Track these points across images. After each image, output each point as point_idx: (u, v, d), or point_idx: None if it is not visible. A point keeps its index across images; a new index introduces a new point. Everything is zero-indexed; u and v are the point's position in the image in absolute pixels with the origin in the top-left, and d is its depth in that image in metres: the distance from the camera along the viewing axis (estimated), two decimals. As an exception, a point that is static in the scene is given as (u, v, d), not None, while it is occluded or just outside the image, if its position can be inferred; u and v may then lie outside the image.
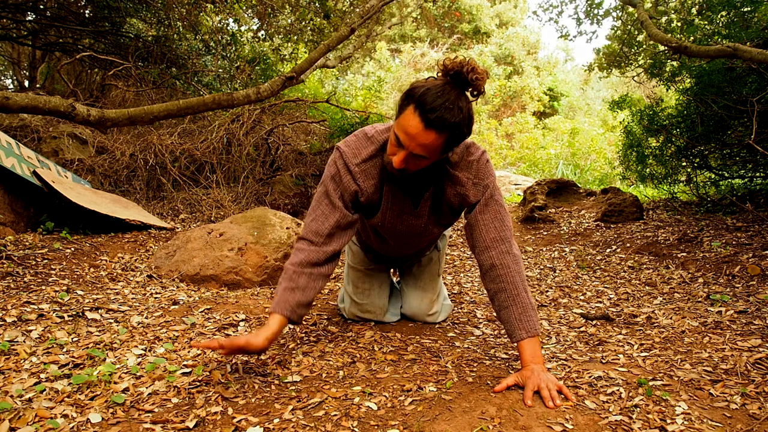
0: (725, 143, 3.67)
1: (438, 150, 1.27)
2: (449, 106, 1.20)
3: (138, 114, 2.71)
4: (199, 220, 3.86)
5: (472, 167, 1.44)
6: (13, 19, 5.46)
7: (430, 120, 1.20)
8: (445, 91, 1.21)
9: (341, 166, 1.45)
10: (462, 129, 1.25)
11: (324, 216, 1.46)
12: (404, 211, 1.53)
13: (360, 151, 1.45)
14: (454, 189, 1.46)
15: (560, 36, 9.11)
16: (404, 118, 1.24)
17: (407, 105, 1.24)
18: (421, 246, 1.73)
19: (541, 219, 4.37)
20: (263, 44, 6.87)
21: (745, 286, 2.23)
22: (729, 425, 1.10)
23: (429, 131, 1.21)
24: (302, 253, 1.44)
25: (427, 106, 1.20)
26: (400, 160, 1.29)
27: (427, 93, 1.21)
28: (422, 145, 1.24)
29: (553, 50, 18.80)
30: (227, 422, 1.12)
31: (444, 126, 1.21)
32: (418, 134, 1.22)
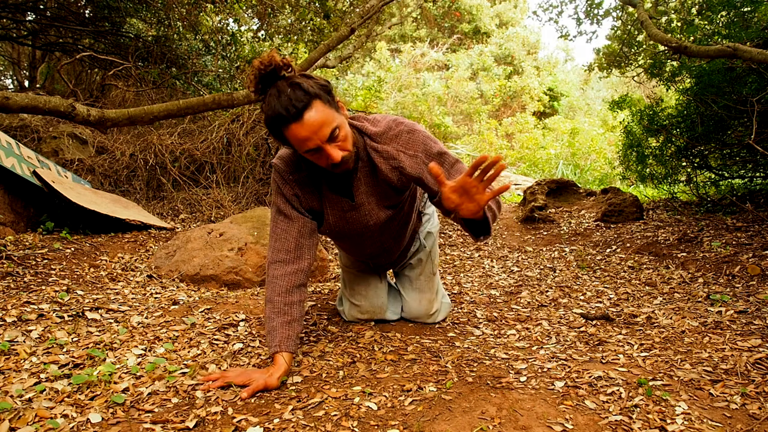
0: (725, 143, 3.67)
1: (331, 114, 1.24)
2: (288, 92, 1.20)
3: (138, 114, 2.71)
4: (199, 220, 3.86)
5: (401, 138, 1.41)
6: (13, 19, 5.46)
7: (299, 109, 1.20)
8: (274, 92, 1.22)
9: (279, 180, 1.45)
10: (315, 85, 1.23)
11: (285, 231, 1.45)
12: (344, 209, 1.50)
13: (290, 161, 1.44)
14: (387, 163, 1.42)
15: (560, 36, 9.12)
16: (290, 138, 1.24)
17: (280, 130, 1.25)
18: (391, 243, 1.69)
19: (541, 219, 4.37)
20: (263, 44, 6.88)
21: (745, 286, 2.23)
22: (729, 425, 1.10)
23: (307, 116, 1.20)
24: (282, 280, 1.42)
25: (283, 113, 1.20)
26: (333, 151, 1.25)
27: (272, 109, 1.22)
28: (320, 127, 1.22)
29: (553, 50, 18.80)
30: (227, 422, 1.12)
31: (305, 101, 1.20)
32: (308, 127, 1.21)
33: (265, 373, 1.31)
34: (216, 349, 1.57)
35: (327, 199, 1.49)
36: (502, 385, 1.29)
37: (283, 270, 1.42)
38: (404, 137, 1.40)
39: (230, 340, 1.65)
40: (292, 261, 1.43)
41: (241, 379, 1.30)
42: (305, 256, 1.45)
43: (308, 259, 1.47)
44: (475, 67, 13.78)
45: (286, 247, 1.43)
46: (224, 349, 1.57)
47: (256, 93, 1.28)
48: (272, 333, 1.37)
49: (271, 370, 1.32)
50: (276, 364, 1.33)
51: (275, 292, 1.41)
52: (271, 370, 1.32)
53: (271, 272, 1.44)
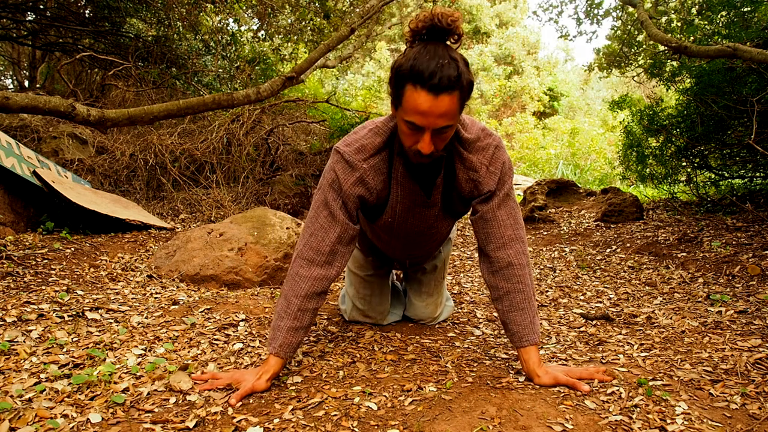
0: (725, 143, 3.67)
1: (457, 111, 1.16)
2: (445, 62, 1.10)
3: (138, 114, 2.71)
4: (199, 220, 3.86)
5: (488, 152, 1.33)
6: (13, 19, 5.46)
7: (436, 86, 1.09)
8: (431, 51, 1.11)
9: (342, 171, 1.32)
10: (468, 77, 1.15)
11: (324, 230, 1.34)
12: (416, 202, 1.41)
13: (365, 145, 1.32)
14: (466, 174, 1.35)
15: (560, 36, 9.11)
16: (408, 100, 1.13)
17: (404, 85, 1.14)
18: (430, 245, 1.64)
19: (541, 219, 4.37)
20: (263, 44, 6.88)
21: (745, 286, 2.23)
22: (729, 425, 1.10)
23: (441, 97, 1.10)
24: (305, 283, 1.32)
25: (425, 75, 1.09)
26: (428, 143, 1.16)
27: (416, 62, 1.10)
28: (441, 115, 1.13)
29: (553, 50, 18.81)
30: (227, 422, 1.12)
31: (452, 84, 1.10)
32: (432, 107, 1.11)
33: (255, 375, 1.29)
34: (216, 349, 1.57)
35: (401, 186, 1.38)
36: (502, 385, 1.29)
37: (309, 272, 1.33)
38: (491, 152, 1.33)
39: (230, 340, 1.65)
40: (322, 265, 1.34)
41: (230, 380, 1.30)
42: (336, 263, 1.36)
43: (338, 267, 1.37)
44: (475, 67, 13.78)
45: (320, 248, 1.33)
46: (224, 349, 1.57)
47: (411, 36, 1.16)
48: (276, 333, 1.32)
49: (260, 371, 1.30)
50: (266, 365, 1.31)
51: (294, 293, 1.33)
52: (260, 372, 1.30)
53: (296, 268, 1.35)
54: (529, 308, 1.34)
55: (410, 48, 1.16)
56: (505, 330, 1.39)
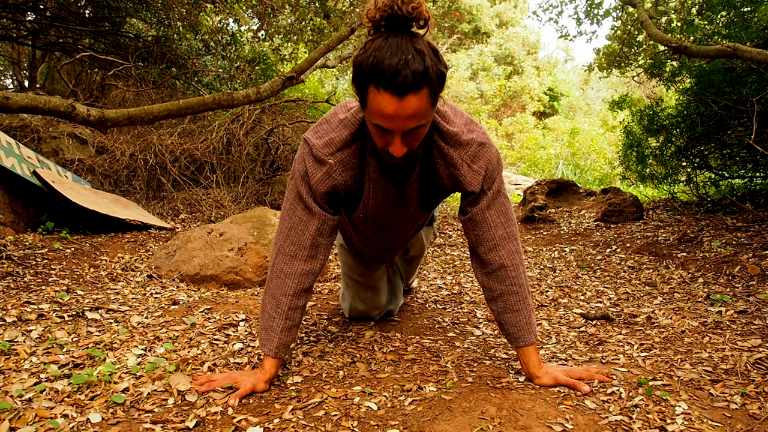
0: (725, 143, 3.67)
1: (429, 108, 1.06)
2: (408, 57, 0.98)
3: (138, 114, 2.71)
4: (199, 220, 3.86)
5: (470, 148, 1.24)
6: (13, 19, 5.46)
7: (400, 86, 0.98)
8: (393, 45, 0.99)
9: (311, 165, 1.24)
10: (438, 69, 1.03)
11: (303, 223, 1.28)
12: (389, 200, 1.34)
13: (333, 139, 1.23)
14: (447, 169, 1.27)
15: (560, 36, 9.11)
16: (372, 102, 1.03)
17: (366, 86, 1.03)
18: (407, 236, 1.58)
19: (541, 219, 4.37)
20: (263, 44, 6.88)
21: (745, 286, 2.23)
22: (729, 425, 1.10)
23: (408, 98, 1.00)
24: (292, 281, 1.29)
25: (387, 74, 0.98)
26: (399, 147, 1.08)
27: (376, 60, 0.99)
28: (410, 117, 1.03)
29: (553, 50, 18.81)
30: (227, 422, 1.12)
31: (418, 81, 0.99)
32: (398, 110, 1.01)
33: (253, 375, 1.29)
34: (216, 349, 1.57)
35: (373, 182, 1.30)
36: (502, 385, 1.29)
37: (293, 268, 1.29)
38: (474, 148, 1.24)
39: (230, 340, 1.65)
40: (305, 259, 1.30)
41: (228, 381, 1.29)
42: (319, 256, 1.32)
43: (321, 260, 1.33)
44: (475, 67, 13.79)
45: (301, 243, 1.29)
46: (224, 349, 1.57)
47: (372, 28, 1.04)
48: (270, 334, 1.30)
49: (258, 373, 1.29)
50: (264, 367, 1.31)
51: (282, 291, 1.29)
52: (258, 374, 1.29)
53: (280, 265, 1.30)
54: (524, 309, 1.32)
55: (370, 41, 1.03)
56: (501, 331, 1.39)
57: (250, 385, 1.26)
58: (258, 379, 1.28)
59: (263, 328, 1.32)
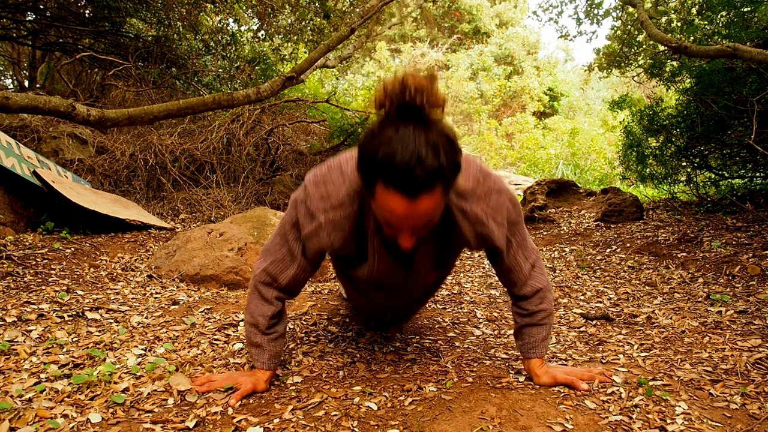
0: (725, 143, 3.67)
1: (441, 204, 0.99)
2: (422, 153, 0.90)
3: (138, 114, 2.71)
4: (199, 220, 3.86)
5: (490, 199, 1.14)
6: (13, 19, 5.46)
7: (412, 188, 0.91)
8: (405, 137, 0.91)
9: (305, 214, 1.16)
10: (453, 159, 0.96)
11: (283, 263, 1.25)
12: (394, 270, 1.25)
13: (329, 193, 1.13)
14: (473, 228, 1.16)
15: (560, 36, 9.12)
16: (380, 199, 0.96)
17: (373, 180, 0.95)
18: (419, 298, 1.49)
19: (541, 219, 4.37)
20: (263, 44, 6.88)
21: (745, 286, 2.23)
22: (729, 425, 1.10)
23: (420, 199, 0.93)
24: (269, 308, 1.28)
25: (398, 174, 0.90)
26: (408, 240, 1.03)
27: (386, 155, 0.91)
28: (421, 214, 0.96)
29: (553, 50, 18.81)
30: (227, 422, 1.12)
31: (432, 181, 0.92)
32: (409, 210, 0.95)
33: (253, 375, 1.29)
34: (216, 349, 1.57)
35: (377, 252, 1.19)
36: (502, 385, 1.29)
37: (270, 294, 1.28)
38: (493, 199, 1.15)
39: (230, 340, 1.65)
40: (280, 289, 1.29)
41: (228, 382, 1.29)
42: (296, 290, 1.32)
43: (298, 291, 1.33)
44: (475, 67, 13.79)
45: (277, 279, 1.26)
46: (224, 349, 1.57)
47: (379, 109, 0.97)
48: (259, 349, 1.29)
49: (258, 373, 1.30)
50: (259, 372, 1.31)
51: (260, 312, 1.28)
52: (258, 374, 1.29)
53: (259, 287, 1.28)
54: (548, 324, 1.33)
55: (379, 129, 0.95)
56: (517, 338, 1.37)
57: (250, 385, 1.26)
58: (258, 379, 1.28)
59: (249, 345, 1.32)
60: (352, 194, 1.12)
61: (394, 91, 0.93)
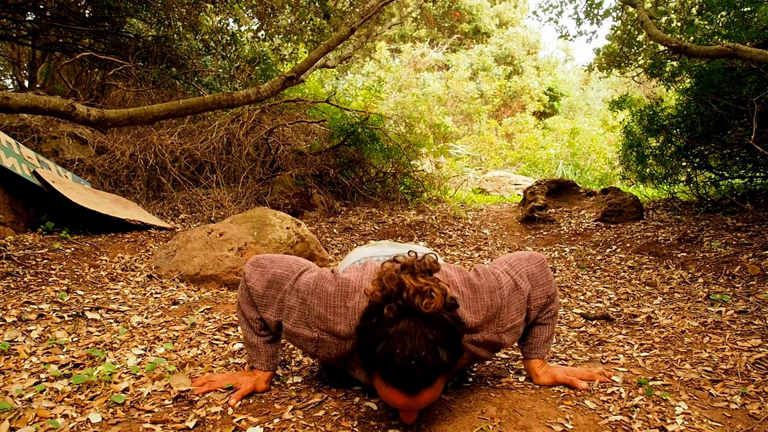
0: (725, 143, 3.67)
1: (443, 385, 1.01)
2: (422, 353, 0.90)
3: (138, 114, 2.71)
4: (199, 220, 3.86)
5: (500, 317, 1.16)
6: (13, 19, 5.46)
7: (412, 386, 0.93)
8: (404, 334, 0.91)
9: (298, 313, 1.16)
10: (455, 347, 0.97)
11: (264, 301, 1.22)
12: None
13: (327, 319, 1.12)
14: (486, 349, 1.19)
15: (560, 36, 9.12)
16: (380, 389, 0.98)
17: (373, 371, 0.97)
18: None
19: (541, 219, 4.37)
20: (263, 44, 6.88)
21: (745, 286, 2.23)
22: (729, 425, 1.10)
23: (419, 395, 0.95)
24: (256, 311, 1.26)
25: (398, 375, 0.91)
26: (409, 418, 1.04)
27: (387, 354, 0.91)
28: (422, 403, 0.98)
29: (553, 50, 18.81)
30: (227, 422, 1.12)
31: (431, 378, 0.93)
32: (408, 403, 0.97)
33: (253, 375, 1.30)
34: (216, 349, 1.56)
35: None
36: (502, 385, 1.29)
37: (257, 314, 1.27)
38: (503, 314, 1.17)
39: (230, 340, 1.65)
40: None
41: (228, 381, 1.29)
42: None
43: None
44: (475, 67, 13.79)
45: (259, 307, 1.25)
46: (224, 349, 1.57)
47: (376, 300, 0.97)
48: (256, 351, 1.29)
49: (258, 373, 1.30)
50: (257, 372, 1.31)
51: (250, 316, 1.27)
52: (258, 374, 1.30)
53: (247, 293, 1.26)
54: (551, 325, 1.33)
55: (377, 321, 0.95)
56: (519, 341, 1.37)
57: (250, 385, 1.26)
58: (258, 379, 1.28)
59: (248, 346, 1.32)
60: (350, 334, 1.11)
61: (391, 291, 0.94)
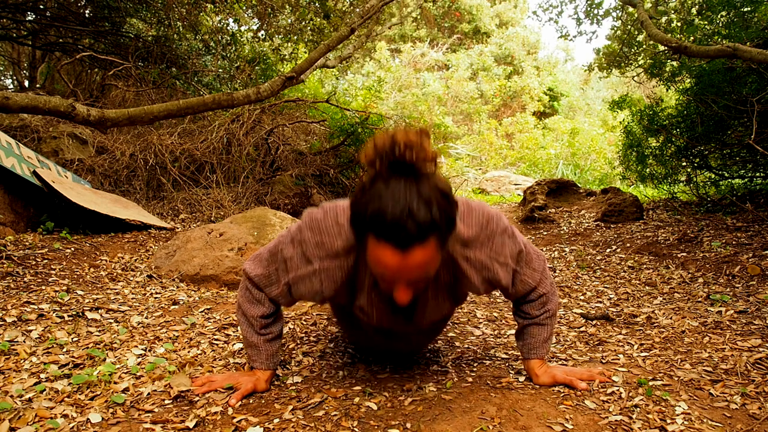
0: (725, 143, 3.67)
1: (437, 255, 0.98)
2: (412, 207, 0.89)
3: (138, 114, 2.71)
4: (199, 220, 3.86)
5: (494, 242, 1.15)
6: (13, 19, 5.46)
7: (404, 241, 0.90)
8: (395, 191, 0.91)
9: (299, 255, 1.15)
10: (448, 212, 0.95)
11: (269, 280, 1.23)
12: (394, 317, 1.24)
13: (324, 241, 1.11)
14: (480, 274, 1.16)
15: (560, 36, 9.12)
16: (372, 253, 0.96)
17: (366, 233, 0.95)
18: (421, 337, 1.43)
19: (541, 219, 4.37)
20: (263, 44, 6.88)
21: (745, 286, 2.23)
22: (729, 425, 1.10)
23: (413, 251, 0.92)
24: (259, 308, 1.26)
25: (389, 228, 0.90)
26: (404, 294, 1.01)
27: (377, 209, 0.91)
28: (414, 267, 0.95)
29: (553, 50, 18.81)
30: (227, 422, 1.12)
31: (424, 233, 0.91)
32: (402, 264, 0.94)
33: (253, 375, 1.29)
34: (216, 349, 1.57)
35: (375, 306, 1.17)
36: (502, 385, 1.29)
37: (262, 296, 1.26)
38: (497, 241, 1.15)
39: (230, 340, 1.65)
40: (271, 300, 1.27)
41: (228, 381, 1.29)
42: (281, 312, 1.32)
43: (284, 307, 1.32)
44: (475, 67, 13.79)
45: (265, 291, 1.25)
46: (224, 349, 1.57)
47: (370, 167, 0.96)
48: (256, 350, 1.29)
49: (258, 373, 1.30)
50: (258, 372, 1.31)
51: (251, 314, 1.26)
52: (257, 374, 1.30)
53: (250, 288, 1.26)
54: (549, 325, 1.32)
55: (370, 183, 0.95)
56: (518, 339, 1.37)
57: (250, 385, 1.26)
58: (258, 379, 1.28)
59: (247, 346, 1.31)
60: (348, 248, 1.11)
61: (384, 148, 0.92)
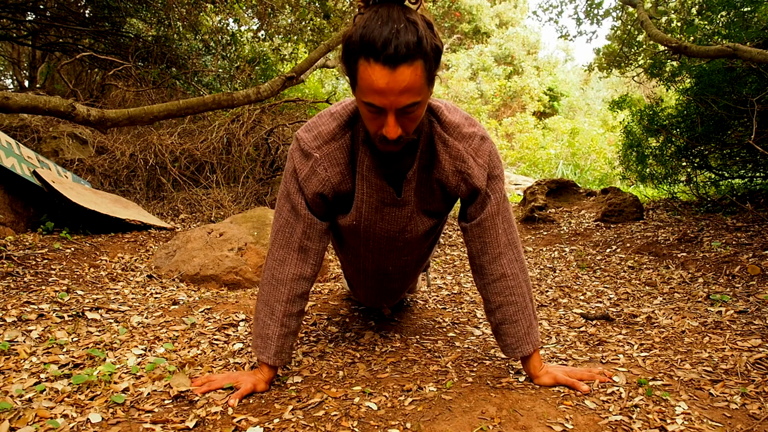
0: (725, 143, 3.67)
1: (423, 84, 0.98)
2: (400, 27, 0.92)
3: (138, 114, 2.71)
4: (199, 220, 3.86)
5: (473, 140, 1.17)
6: (13, 19, 5.46)
7: (392, 56, 0.92)
8: (383, 15, 0.94)
9: (299, 156, 1.19)
10: (433, 42, 0.97)
11: (289, 226, 1.24)
12: (385, 201, 1.23)
13: (320, 131, 1.17)
14: (453, 164, 1.18)
15: (560, 36, 9.12)
16: (363, 77, 0.97)
17: (356, 60, 0.97)
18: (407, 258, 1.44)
19: (541, 219, 4.37)
20: (263, 44, 6.88)
21: (745, 286, 2.23)
22: (729, 425, 1.10)
23: (400, 70, 0.94)
24: (284, 286, 1.24)
25: (377, 45, 0.92)
26: (394, 125, 1.01)
27: (366, 31, 0.93)
28: (404, 91, 0.96)
29: (553, 50, 18.81)
30: (227, 422, 1.12)
31: (411, 52, 0.93)
32: (391, 82, 0.94)
33: (253, 376, 1.28)
34: (216, 349, 1.57)
35: (366, 181, 1.19)
36: (502, 385, 1.29)
37: (284, 273, 1.24)
38: (476, 141, 1.18)
39: (230, 340, 1.65)
40: (295, 263, 1.25)
41: (228, 381, 1.28)
42: (310, 261, 1.26)
43: (313, 265, 1.27)
44: (475, 67, 13.79)
45: (290, 245, 1.24)
46: (224, 349, 1.57)
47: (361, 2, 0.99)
48: (267, 342, 1.27)
49: (258, 373, 1.29)
50: (263, 369, 1.29)
51: (276, 298, 1.24)
52: (258, 374, 1.29)
53: (270, 271, 1.25)
54: (522, 319, 1.28)
55: (359, 15, 0.98)
56: (498, 342, 1.35)
57: (250, 385, 1.26)
58: (258, 379, 1.28)
59: (257, 336, 1.29)
60: (343, 125, 1.17)
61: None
